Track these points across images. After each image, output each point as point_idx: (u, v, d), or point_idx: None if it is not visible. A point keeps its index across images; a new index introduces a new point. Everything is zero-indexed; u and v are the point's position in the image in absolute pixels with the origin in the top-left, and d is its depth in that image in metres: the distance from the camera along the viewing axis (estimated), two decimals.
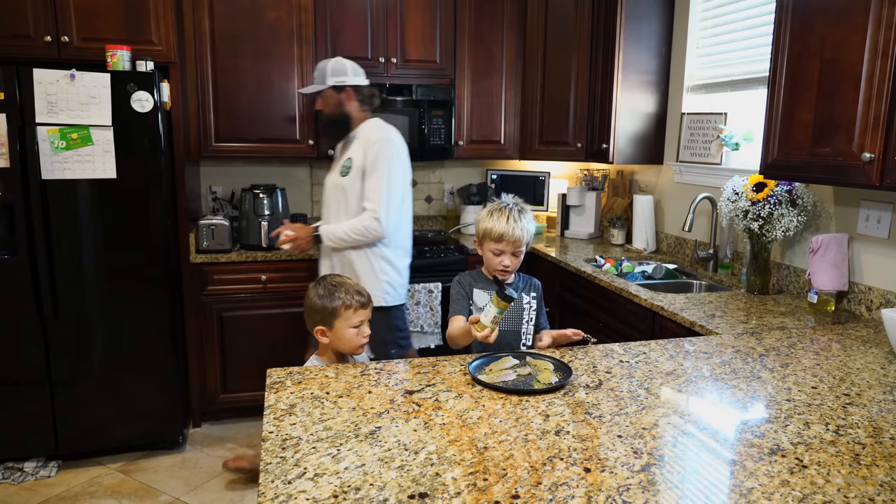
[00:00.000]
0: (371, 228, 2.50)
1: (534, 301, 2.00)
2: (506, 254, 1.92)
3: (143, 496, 2.69)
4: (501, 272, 1.94)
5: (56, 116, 2.66)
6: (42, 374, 2.79)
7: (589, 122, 3.54)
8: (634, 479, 1.08)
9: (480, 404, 1.38)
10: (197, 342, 3.20)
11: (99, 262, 2.80)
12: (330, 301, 1.77)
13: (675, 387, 1.51)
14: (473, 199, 3.88)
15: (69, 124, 2.67)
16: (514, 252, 1.92)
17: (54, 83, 2.64)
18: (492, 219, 1.93)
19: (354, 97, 2.65)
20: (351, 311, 1.77)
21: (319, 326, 1.79)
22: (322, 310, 1.77)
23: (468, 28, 3.60)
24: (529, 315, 1.99)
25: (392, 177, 2.52)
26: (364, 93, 2.69)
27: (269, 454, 1.15)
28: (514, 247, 1.91)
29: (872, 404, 1.43)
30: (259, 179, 3.69)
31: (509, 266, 1.93)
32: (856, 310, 2.27)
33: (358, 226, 2.51)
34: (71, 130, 2.68)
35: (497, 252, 1.93)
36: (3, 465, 2.81)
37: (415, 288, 3.28)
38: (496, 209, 1.94)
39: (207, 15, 3.21)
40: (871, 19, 1.78)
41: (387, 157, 2.52)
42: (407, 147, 2.66)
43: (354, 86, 2.65)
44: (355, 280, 2.05)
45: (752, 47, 2.80)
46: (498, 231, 1.90)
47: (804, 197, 2.39)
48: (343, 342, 1.79)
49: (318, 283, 1.84)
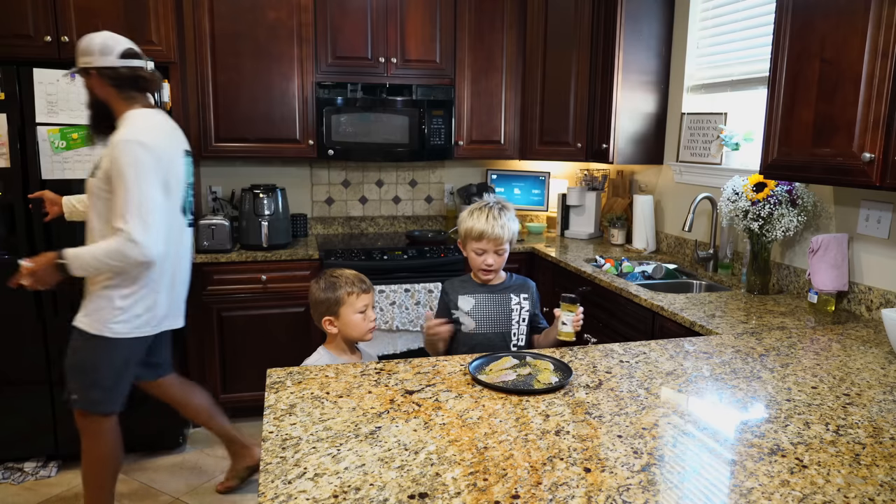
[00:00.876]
0: (127, 253, 2.01)
1: (525, 302, 1.99)
2: (488, 252, 1.92)
3: (144, 496, 2.69)
4: (485, 271, 1.94)
5: (56, 116, 2.66)
6: (42, 375, 2.79)
7: (589, 122, 3.54)
8: (634, 479, 1.08)
9: (480, 404, 1.38)
10: (197, 342, 3.20)
11: None
12: (333, 291, 1.83)
13: (675, 387, 1.51)
14: (473, 200, 3.87)
15: (69, 124, 2.68)
16: (497, 250, 1.92)
17: (54, 83, 2.64)
18: (472, 218, 1.93)
19: (107, 82, 2.15)
20: (354, 296, 1.83)
21: (327, 317, 1.85)
22: (326, 300, 1.84)
23: (468, 28, 3.60)
24: (521, 316, 1.97)
25: (142, 186, 2.03)
26: (120, 75, 2.14)
27: (269, 454, 1.15)
28: (496, 245, 1.91)
29: (872, 404, 1.43)
30: (259, 179, 3.69)
31: (493, 265, 1.93)
32: (856, 310, 2.27)
33: (112, 249, 2.01)
34: (71, 130, 2.68)
35: (479, 251, 1.93)
36: (3, 465, 2.81)
37: (415, 288, 3.28)
38: (476, 208, 1.94)
39: (207, 15, 3.21)
40: (871, 19, 1.78)
41: (127, 164, 2.01)
42: (179, 143, 2.24)
43: (101, 67, 2.13)
44: None
45: (752, 47, 2.80)
46: (478, 230, 1.90)
47: (804, 197, 2.39)
48: (351, 328, 1.85)
49: (318, 278, 1.90)
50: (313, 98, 3.40)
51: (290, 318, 3.27)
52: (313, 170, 3.86)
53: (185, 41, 3.18)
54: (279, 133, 3.41)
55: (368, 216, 4.00)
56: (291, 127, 3.42)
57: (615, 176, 3.83)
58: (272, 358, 3.22)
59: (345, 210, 3.96)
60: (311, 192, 3.88)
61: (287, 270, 3.25)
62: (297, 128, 3.43)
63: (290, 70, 3.37)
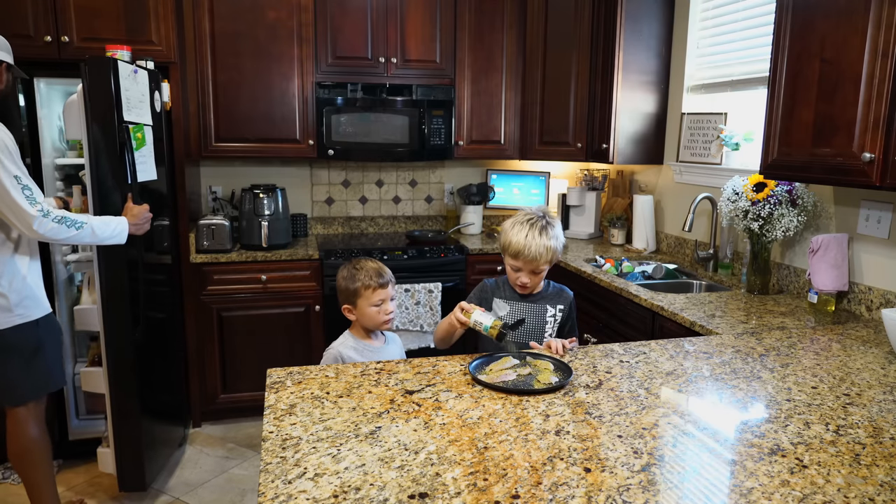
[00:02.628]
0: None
1: (560, 313, 1.90)
2: (523, 272, 1.81)
3: (144, 496, 2.69)
4: (521, 288, 1.85)
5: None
6: None
7: (589, 122, 3.54)
8: (634, 479, 1.08)
9: (480, 404, 1.38)
10: (197, 342, 3.21)
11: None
12: (352, 283, 1.89)
13: (675, 387, 1.51)
14: (473, 199, 3.88)
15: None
16: (533, 270, 1.80)
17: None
18: (513, 231, 1.80)
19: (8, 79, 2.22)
20: (370, 290, 1.88)
21: (346, 305, 1.92)
22: (346, 290, 1.91)
23: (468, 28, 3.60)
24: (554, 327, 1.90)
25: None
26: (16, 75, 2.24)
27: (270, 454, 1.15)
28: (532, 266, 1.78)
29: (872, 404, 1.43)
30: (259, 179, 3.69)
31: (527, 284, 1.83)
32: (856, 310, 2.27)
33: None
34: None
35: (515, 268, 1.82)
36: (3, 465, 2.81)
37: (415, 288, 3.28)
38: (520, 221, 1.80)
39: (207, 15, 3.21)
40: (871, 20, 1.78)
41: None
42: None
43: (10, 65, 2.20)
44: None
45: (752, 47, 2.80)
46: (515, 248, 1.78)
47: (804, 197, 2.39)
48: (366, 319, 1.90)
49: (344, 266, 1.95)
50: (313, 98, 3.40)
51: (290, 318, 3.27)
52: (313, 170, 3.86)
53: (185, 41, 3.18)
54: (279, 133, 3.41)
55: (368, 216, 4.00)
56: (291, 127, 3.42)
57: (615, 176, 3.83)
58: (272, 358, 3.23)
59: (345, 210, 3.96)
60: (311, 192, 3.88)
61: (287, 270, 3.25)
62: (297, 128, 3.43)
63: (290, 70, 3.37)
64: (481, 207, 3.92)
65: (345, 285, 1.91)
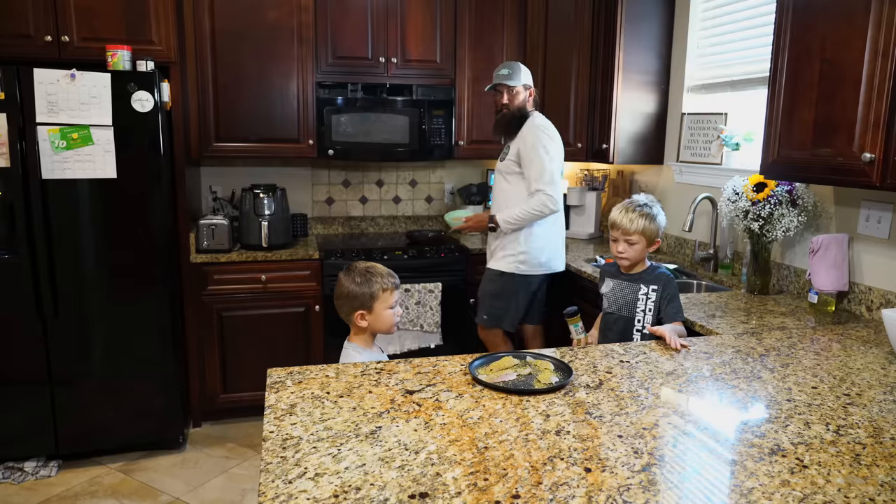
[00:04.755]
0: None
1: (653, 293, 2.10)
2: (619, 241, 2.13)
3: (144, 496, 2.69)
4: (618, 257, 2.16)
5: (56, 116, 2.66)
6: (42, 374, 2.79)
7: (589, 122, 3.54)
8: (635, 479, 1.08)
9: (481, 404, 1.38)
10: (197, 342, 3.21)
11: (99, 261, 2.80)
12: (368, 287, 1.86)
13: (676, 387, 1.51)
14: (474, 199, 3.88)
15: (69, 124, 2.67)
16: (627, 240, 2.11)
17: (55, 83, 2.64)
18: (615, 210, 2.16)
19: None
20: (388, 292, 1.88)
21: (360, 311, 1.87)
22: (361, 295, 1.86)
23: (468, 28, 3.60)
24: (647, 305, 2.11)
25: None
26: None
27: (270, 454, 1.15)
28: (625, 234, 2.10)
29: (873, 404, 1.43)
30: (259, 179, 3.69)
31: (623, 252, 2.12)
32: (856, 310, 2.27)
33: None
34: (71, 130, 2.68)
35: (614, 239, 2.15)
36: (3, 464, 2.81)
37: (415, 288, 3.28)
38: (622, 203, 2.17)
39: (208, 14, 3.21)
40: (871, 20, 1.78)
41: None
42: None
43: None
44: None
45: (752, 47, 2.80)
46: (612, 219, 2.15)
47: (804, 197, 2.39)
48: (382, 322, 1.89)
49: (349, 271, 1.91)
50: (313, 98, 3.40)
51: (290, 318, 3.27)
52: (313, 170, 3.86)
53: (185, 41, 3.18)
54: (279, 133, 3.41)
55: (369, 216, 4.00)
56: (292, 127, 3.42)
57: (615, 176, 3.83)
58: (272, 358, 3.23)
59: (345, 210, 3.96)
60: (312, 191, 3.88)
61: (287, 270, 3.25)
62: (297, 128, 3.43)
63: (291, 70, 3.37)
64: (482, 207, 3.91)
65: (359, 290, 1.85)
